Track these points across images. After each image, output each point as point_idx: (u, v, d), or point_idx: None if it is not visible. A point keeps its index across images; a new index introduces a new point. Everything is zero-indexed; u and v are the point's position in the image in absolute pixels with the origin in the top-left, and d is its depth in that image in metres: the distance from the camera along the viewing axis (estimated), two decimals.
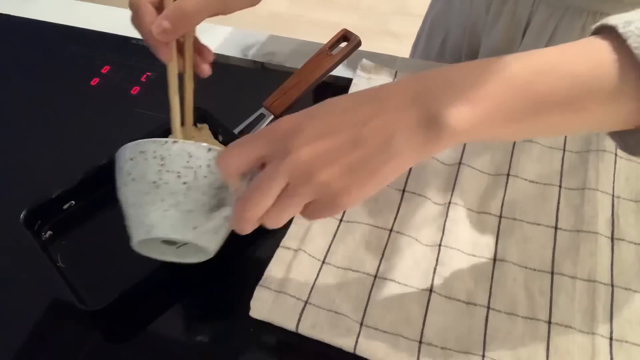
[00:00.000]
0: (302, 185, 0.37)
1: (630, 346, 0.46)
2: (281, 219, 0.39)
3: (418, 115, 0.36)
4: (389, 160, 0.37)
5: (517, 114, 0.36)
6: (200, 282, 0.52)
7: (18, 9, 0.81)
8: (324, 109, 0.39)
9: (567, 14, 0.64)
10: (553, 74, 0.36)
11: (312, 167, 0.37)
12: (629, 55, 0.34)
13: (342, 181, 0.37)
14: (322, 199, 0.38)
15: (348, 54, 0.64)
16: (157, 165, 0.40)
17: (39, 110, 0.69)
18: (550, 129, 0.39)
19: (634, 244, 0.51)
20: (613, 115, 0.37)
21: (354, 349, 0.46)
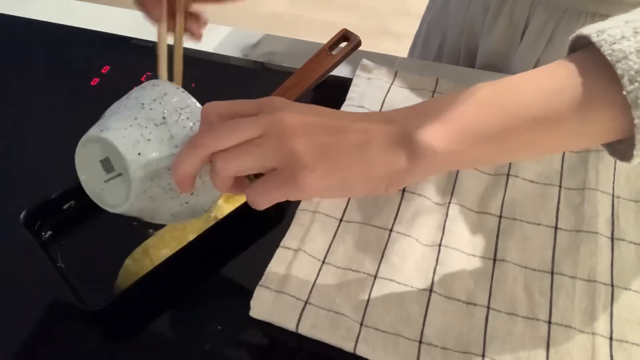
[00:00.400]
0: (273, 142, 0.37)
1: (630, 346, 0.46)
2: (231, 165, 0.37)
3: (395, 132, 0.37)
4: (361, 161, 0.37)
5: (490, 132, 0.36)
6: (200, 282, 0.52)
7: (18, 9, 0.81)
8: (315, 106, 0.40)
9: (565, 16, 0.64)
10: (521, 89, 0.37)
11: (290, 131, 0.37)
12: (603, 62, 0.34)
13: (311, 157, 0.37)
14: (283, 171, 0.37)
15: (348, 54, 0.64)
16: (156, 94, 0.42)
17: (39, 110, 0.69)
18: (530, 148, 0.38)
19: (634, 244, 0.51)
20: (592, 126, 0.36)
21: (354, 349, 0.46)
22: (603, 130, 0.37)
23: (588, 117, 0.36)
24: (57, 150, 0.64)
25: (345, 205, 0.56)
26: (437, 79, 0.66)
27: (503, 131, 0.36)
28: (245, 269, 0.53)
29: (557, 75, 0.37)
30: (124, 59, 0.73)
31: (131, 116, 0.42)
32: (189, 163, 0.38)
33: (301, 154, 0.36)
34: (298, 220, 0.54)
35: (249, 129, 0.37)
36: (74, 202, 0.56)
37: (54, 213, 0.56)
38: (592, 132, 0.37)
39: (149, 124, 0.41)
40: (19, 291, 0.52)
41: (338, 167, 0.37)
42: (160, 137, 0.41)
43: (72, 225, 0.56)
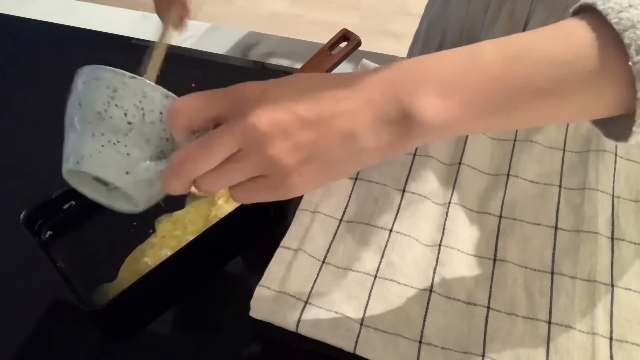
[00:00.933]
0: (252, 154, 0.35)
1: (630, 346, 0.46)
2: (217, 185, 0.36)
3: (388, 109, 0.34)
4: (351, 153, 0.35)
5: (494, 106, 0.35)
6: (200, 282, 0.52)
7: (18, 9, 0.81)
8: (293, 81, 0.37)
9: (566, 15, 0.63)
10: (530, 59, 0.34)
11: (267, 138, 0.34)
12: (610, 31, 0.33)
13: (294, 161, 0.34)
14: (270, 177, 0.35)
15: (348, 54, 0.64)
16: (107, 96, 0.38)
17: (39, 110, 0.69)
18: (533, 120, 0.37)
19: (634, 244, 0.51)
20: (595, 100, 0.35)
21: (354, 349, 0.46)
22: (606, 105, 0.35)
23: (594, 91, 0.34)
24: (57, 150, 0.64)
25: (345, 205, 0.56)
26: None
27: (508, 105, 0.35)
28: (245, 269, 0.53)
29: (568, 44, 0.34)
30: (124, 59, 0.73)
31: (97, 133, 0.38)
32: (179, 189, 0.37)
33: (284, 160, 0.34)
34: (298, 220, 0.54)
35: (224, 148, 0.35)
36: (74, 202, 0.56)
37: (54, 213, 0.56)
38: (596, 106, 0.36)
39: (119, 137, 0.38)
40: (19, 291, 0.52)
41: (326, 165, 0.35)
42: (137, 146, 0.38)
43: (72, 225, 0.56)
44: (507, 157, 0.58)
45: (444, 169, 0.58)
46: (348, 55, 0.64)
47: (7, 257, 0.54)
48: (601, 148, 0.57)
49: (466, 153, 0.58)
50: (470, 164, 0.57)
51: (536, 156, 0.58)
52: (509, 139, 0.60)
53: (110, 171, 0.38)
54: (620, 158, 0.57)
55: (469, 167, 0.57)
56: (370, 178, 0.57)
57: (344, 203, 0.56)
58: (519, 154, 0.58)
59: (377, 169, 0.58)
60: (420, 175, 0.57)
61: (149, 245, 0.54)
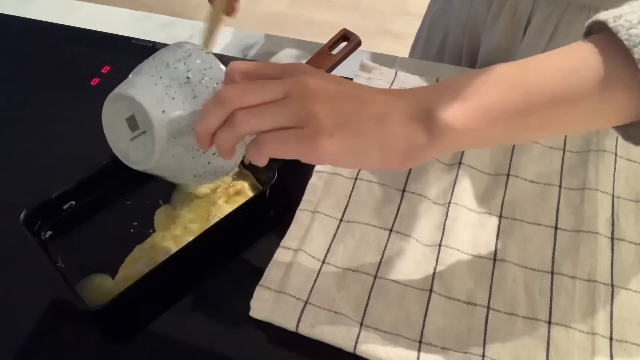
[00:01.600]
0: (295, 103, 0.37)
1: (630, 346, 0.46)
2: (251, 121, 0.38)
3: (415, 108, 0.38)
4: (379, 132, 0.37)
5: (509, 109, 0.37)
6: (200, 282, 0.52)
7: (18, 9, 0.81)
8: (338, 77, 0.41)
9: (569, 11, 0.64)
10: (542, 68, 0.38)
11: (313, 94, 0.37)
12: (621, 47, 0.35)
13: (330, 121, 0.37)
14: (303, 130, 0.37)
15: (348, 54, 0.64)
16: (181, 55, 0.43)
17: (39, 110, 0.69)
18: (548, 126, 0.39)
19: (634, 244, 0.51)
20: (609, 105, 0.37)
21: (354, 349, 0.46)
22: (620, 110, 0.37)
23: (606, 96, 0.36)
24: (57, 150, 0.64)
25: (345, 205, 0.56)
26: (437, 79, 0.66)
27: (523, 109, 0.37)
28: (245, 269, 0.53)
29: (576, 56, 0.37)
30: (124, 59, 0.73)
31: (156, 75, 0.43)
32: (211, 118, 0.39)
33: (322, 117, 0.37)
34: (298, 220, 0.54)
35: (273, 89, 0.38)
36: (74, 202, 0.56)
37: (54, 213, 0.56)
38: (609, 111, 0.38)
39: (173, 83, 0.43)
40: (19, 291, 0.52)
41: (356, 134, 0.37)
42: (184, 96, 0.42)
43: (72, 225, 0.56)
44: (507, 157, 0.58)
45: (444, 169, 0.58)
46: (348, 55, 0.64)
47: (7, 257, 0.54)
48: (601, 148, 0.57)
49: (466, 153, 0.58)
50: (470, 164, 0.57)
51: (536, 156, 0.58)
52: None
53: (151, 102, 0.42)
54: (620, 158, 0.57)
55: (469, 167, 0.57)
56: (370, 178, 0.57)
57: (344, 203, 0.56)
58: (519, 154, 0.58)
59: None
60: (420, 175, 0.57)
61: (148, 245, 0.54)
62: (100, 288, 0.51)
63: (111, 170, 0.57)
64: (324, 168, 0.58)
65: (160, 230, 0.55)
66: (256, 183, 0.58)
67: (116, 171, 0.56)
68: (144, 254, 0.53)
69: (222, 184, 0.57)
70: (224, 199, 0.56)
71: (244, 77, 0.41)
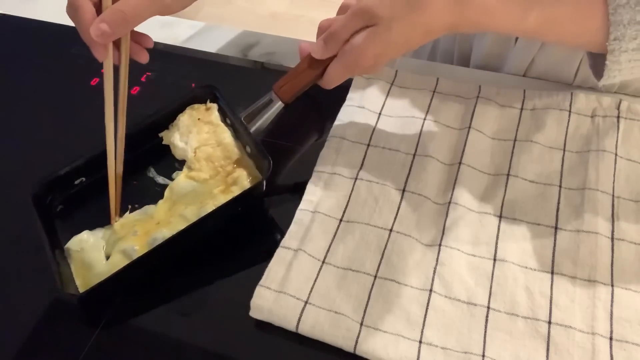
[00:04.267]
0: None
1: (630, 346, 0.46)
2: (340, 33, 0.52)
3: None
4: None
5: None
6: (200, 282, 0.52)
7: (18, 9, 0.81)
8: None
9: None
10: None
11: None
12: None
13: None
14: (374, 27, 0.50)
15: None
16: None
17: (39, 110, 0.69)
18: (545, 21, 0.51)
19: (634, 244, 0.51)
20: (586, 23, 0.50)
21: (354, 349, 0.46)
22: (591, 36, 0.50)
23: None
24: (57, 150, 0.64)
25: (345, 205, 0.56)
26: (438, 78, 0.66)
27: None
28: (245, 269, 0.53)
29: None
30: None
31: None
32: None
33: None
34: (298, 220, 0.54)
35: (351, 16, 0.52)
36: (84, 178, 0.58)
37: (64, 188, 0.57)
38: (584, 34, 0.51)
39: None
40: (19, 289, 0.52)
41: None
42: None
43: (83, 200, 0.58)
44: (507, 157, 0.58)
45: (444, 169, 0.58)
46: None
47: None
48: (601, 148, 0.57)
49: (466, 153, 0.58)
50: (470, 164, 0.57)
51: (536, 156, 0.58)
52: (509, 139, 0.60)
53: None
54: (621, 158, 0.57)
55: (469, 167, 0.57)
56: (370, 178, 0.57)
57: (344, 203, 0.56)
58: (519, 154, 0.58)
59: (377, 169, 0.58)
60: (420, 175, 0.57)
61: (142, 229, 0.54)
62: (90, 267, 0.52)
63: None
64: (324, 168, 0.58)
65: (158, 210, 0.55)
66: (256, 172, 0.56)
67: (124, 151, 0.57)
68: (132, 238, 0.53)
69: (221, 171, 0.57)
70: (221, 190, 0.55)
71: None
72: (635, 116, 0.59)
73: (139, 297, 0.51)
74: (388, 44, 0.51)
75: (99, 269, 0.51)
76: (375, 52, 0.51)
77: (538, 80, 0.67)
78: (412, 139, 0.60)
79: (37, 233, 0.51)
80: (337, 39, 0.52)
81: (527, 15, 0.50)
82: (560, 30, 0.52)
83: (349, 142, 0.61)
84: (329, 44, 0.52)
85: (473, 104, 0.62)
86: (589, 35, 0.51)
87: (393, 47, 0.51)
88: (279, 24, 2.18)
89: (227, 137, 0.58)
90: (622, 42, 0.48)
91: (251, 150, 0.57)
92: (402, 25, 0.50)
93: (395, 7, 0.49)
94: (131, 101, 0.67)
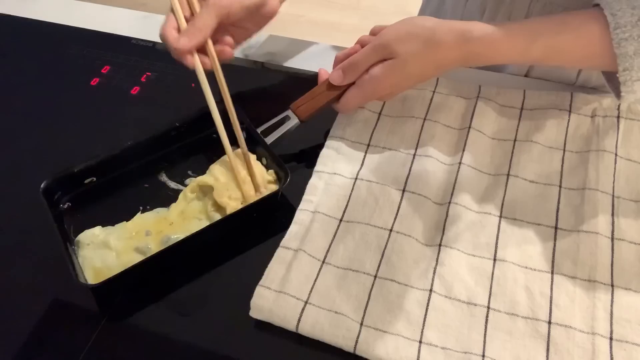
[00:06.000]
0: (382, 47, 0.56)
1: (630, 346, 0.46)
2: (359, 64, 0.57)
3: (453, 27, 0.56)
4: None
5: (520, 31, 0.54)
6: (200, 282, 0.52)
7: (18, 9, 0.81)
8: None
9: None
10: (541, 18, 0.55)
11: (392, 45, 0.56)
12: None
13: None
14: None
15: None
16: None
17: (39, 110, 0.69)
18: (550, 48, 0.54)
19: (634, 244, 0.51)
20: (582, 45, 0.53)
21: (354, 349, 0.46)
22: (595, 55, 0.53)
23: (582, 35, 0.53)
24: (57, 150, 0.64)
25: (345, 205, 0.56)
26: (438, 78, 0.66)
27: (532, 33, 0.54)
28: (245, 269, 0.53)
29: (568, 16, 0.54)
30: (124, 59, 0.73)
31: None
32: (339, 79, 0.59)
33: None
34: (298, 220, 0.54)
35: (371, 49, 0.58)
36: (95, 178, 0.58)
37: (74, 186, 0.57)
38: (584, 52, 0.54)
39: None
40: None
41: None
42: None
43: (91, 200, 0.58)
44: (507, 157, 0.58)
45: (444, 169, 0.58)
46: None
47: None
48: (601, 148, 0.57)
49: (466, 153, 0.58)
50: (470, 164, 0.57)
51: (536, 156, 0.58)
52: (509, 139, 0.60)
53: None
54: (621, 158, 0.57)
55: (469, 167, 0.57)
56: (370, 178, 0.57)
57: (344, 203, 0.56)
58: (519, 154, 0.58)
59: (377, 169, 0.58)
60: (420, 175, 0.57)
61: (154, 229, 0.55)
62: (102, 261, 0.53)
63: (132, 153, 0.59)
64: (324, 168, 0.58)
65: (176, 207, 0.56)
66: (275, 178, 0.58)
67: (137, 154, 0.59)
68: (147, 237, 0.54)
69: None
70: (228, 196, 0.55)
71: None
72: (635, 116, 0.59)
73: (140, 297, 0.51)
74: (403, 76, 0.57)
75: (109, 264, 0.52)
76: (391, 82, 0.57)
77: (538, 81, 0.67)
78: (412, 139, 0.60)
79: (39, 231, 0.52)
80: (356, 69, 0.58)
81: (531, 46, 0.53)
82: (565, 57, 0.55)
83: (349, 142, 0.61)
84: (347, 73, 0.58)
85: (473, 104, 0.62)
86: (593, 59, 0.54)
87: (408, 78, 0.58)
88: (279, 24, 2.17)
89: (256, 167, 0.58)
90: (632, 72, 0.50)
91: (267, 162, 0.58)
92: (417, 60, 0.56)
93: (411, 44, 0.56)
94: (131, 101, 0.67)
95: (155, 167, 0.60)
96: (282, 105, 0.60)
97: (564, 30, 0.53)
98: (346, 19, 2.17)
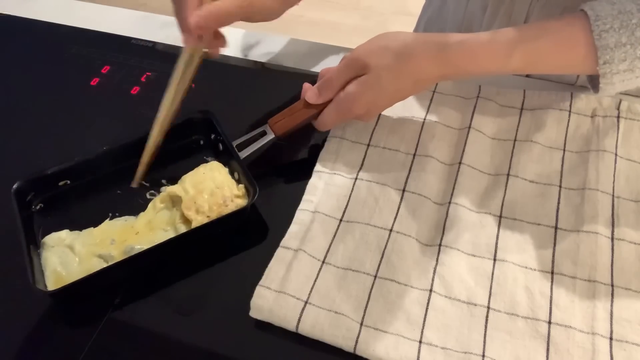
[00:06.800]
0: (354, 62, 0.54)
1: (630, 346, 0.46)
2: (333, 81, 0.56)
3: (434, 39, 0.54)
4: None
5: (504, 38, 0.52)
6: (200, 282, 0.52)
7: (18, 9, 0.81)
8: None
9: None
10: (524, 26, 0.53)
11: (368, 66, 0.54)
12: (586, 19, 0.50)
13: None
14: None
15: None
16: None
17: (39, 110, 0.69)
18: (530, 56, 0.52)
19: (634, 244, 0.51)
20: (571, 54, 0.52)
21: (354, 349, 0.46)
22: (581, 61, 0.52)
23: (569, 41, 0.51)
24: (56, 150, 0.64)
25: (345, 205, 0.56)
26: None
27: (514, 40, 0.52)
28: (245, 269, 0.52)
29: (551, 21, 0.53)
30: (124, 59, 0.73)
31: None
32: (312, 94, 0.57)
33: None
34: (298, 220, 0.54)
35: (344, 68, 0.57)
36: (69, 181, 0.58)
37: (47, 188, 0.57)
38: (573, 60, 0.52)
39: None
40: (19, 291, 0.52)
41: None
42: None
43: (64, 202, 0.57)
44: (507, 157, 0.58)
45: (444, 169, 0.58)
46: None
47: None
48: (601, 148, 0.57)
49: (466, 153, 0.58)
50: (470, 164, 0.57)
51: (536, 156, 0.58)
52: (509, 139, 0.60)
53: None
54: (621, 158, 0.57)
55: (469, 167, 0.57)
56: (370, 178, 0.57)
57: (344, 203, 0.56)
58: (519, 154, 0.58)
59: (377, 169, 0.58)
60: (420, 175, 0.57)
61: (120, 238, 0.54)
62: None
63: (107, 158, 0.58)
64: (324, 168, 0.58)
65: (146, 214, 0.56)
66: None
67: (113, 160, 0.58)
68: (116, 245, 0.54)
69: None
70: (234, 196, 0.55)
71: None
72: (635, 116, 0.59)
73: (139, 297, 0.51)
74: (379, 93, 0.55)
75: (71, 269, 0.51)
76: (367, 99, 0.55)
77: (538, 81, 0.67)
78: (412, 139, 0.60)
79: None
80: (330, 86, 0.56)
81: (511, 54, 0.52)
82: (546, 63, 0.54)
83: (348, 142, 0.61)
84: (322, 91, 0.56)
85: (473, 104, 0.62)
86: (576, 64, 0.53)
87: (384, 95, 0.55)
88: (278, 24, 2.17)
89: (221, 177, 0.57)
90: (612, 65, 0.49)
91: (239, 177, 0.57)
92: (391, 74, 0.54)
93: (383, 57, 0.53)
94: (131, 101, 0.67)
95: (130, 174, 0.58)
96: (282, 107, 0.60)
97: (544, 35, 0.52)
98: (346, 19, 2.17)
